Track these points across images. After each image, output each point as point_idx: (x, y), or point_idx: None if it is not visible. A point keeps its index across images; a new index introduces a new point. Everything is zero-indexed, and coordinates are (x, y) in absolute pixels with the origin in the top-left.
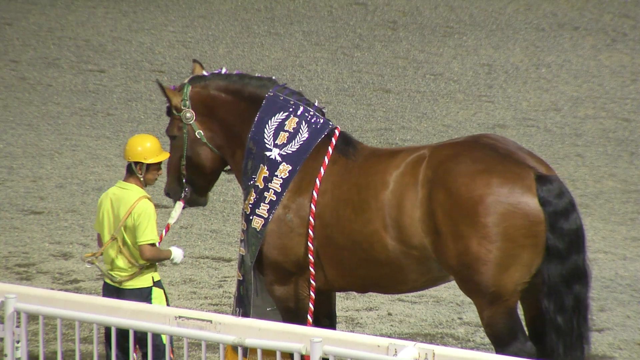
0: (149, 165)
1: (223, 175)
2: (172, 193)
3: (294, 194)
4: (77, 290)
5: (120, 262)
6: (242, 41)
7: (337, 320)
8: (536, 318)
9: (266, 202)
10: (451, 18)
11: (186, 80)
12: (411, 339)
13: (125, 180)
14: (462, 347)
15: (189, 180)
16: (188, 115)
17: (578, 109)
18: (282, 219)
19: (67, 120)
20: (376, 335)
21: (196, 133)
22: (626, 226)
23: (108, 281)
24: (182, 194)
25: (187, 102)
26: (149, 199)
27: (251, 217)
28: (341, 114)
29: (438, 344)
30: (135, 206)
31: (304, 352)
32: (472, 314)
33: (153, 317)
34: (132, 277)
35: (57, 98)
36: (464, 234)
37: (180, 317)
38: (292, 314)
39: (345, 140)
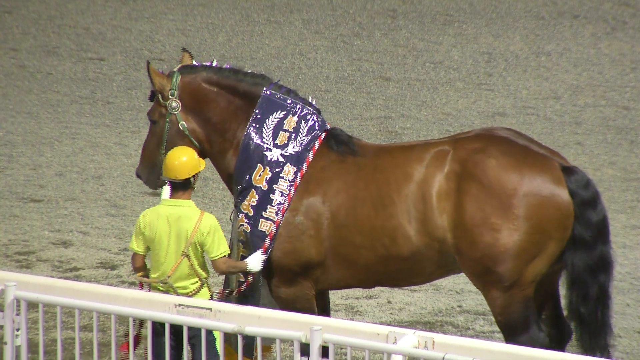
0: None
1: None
2: (146, 178)
3: (301, 196)
4: (77, 278)
5: (188, 279)
6: (242, 29)
7: (337, 308)
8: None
9: (273, 204)
10: (451, 6)
11: (175, 69)
12: (411, 327)
13: (175, 197)
14: (461, 335)
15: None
16: (174, 104)
17: (578, 97)
18: (291, 222)
19: (67, 109)
20: (376, 323)
21: (179, 124)
22: (626, 214)
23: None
24: (158, 182)
25: (175, 92)
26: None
27: (257, 220)
28: (341, 102)
29: (438, 332)
30: (202, 222)
31: (303, 340)
32: (471, 302)
33: (153, 305)
34: (195, 293)
35: (56, 86)
36: (495, 226)
37: (180, 304)
38: None
39: (346, 138)
